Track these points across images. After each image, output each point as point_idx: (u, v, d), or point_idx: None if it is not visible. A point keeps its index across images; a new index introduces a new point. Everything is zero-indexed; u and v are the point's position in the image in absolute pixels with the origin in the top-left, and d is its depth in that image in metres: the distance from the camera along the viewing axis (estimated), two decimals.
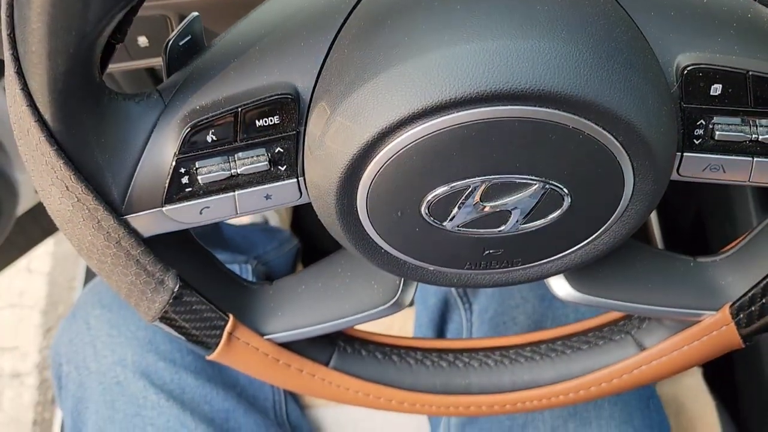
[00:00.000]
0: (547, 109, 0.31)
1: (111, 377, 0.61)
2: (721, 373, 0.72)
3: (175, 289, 0.39)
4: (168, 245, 0.39)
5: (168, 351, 0.62)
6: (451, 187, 0.33)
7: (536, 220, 0.35)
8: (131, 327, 0.63)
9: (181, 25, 0.34)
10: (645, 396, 0.61)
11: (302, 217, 0.97)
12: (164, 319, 0.40)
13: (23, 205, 0.83)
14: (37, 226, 0.98)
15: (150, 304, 0.39)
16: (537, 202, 0.34)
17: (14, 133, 0.34)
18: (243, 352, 0.43)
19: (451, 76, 0.30)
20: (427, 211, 0.34)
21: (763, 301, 0.41)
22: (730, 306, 0.41)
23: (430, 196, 0.34)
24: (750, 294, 0.41)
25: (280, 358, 0.44)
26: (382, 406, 0.47)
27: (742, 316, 0.41)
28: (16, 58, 0.31)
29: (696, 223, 0.89)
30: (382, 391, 0.47)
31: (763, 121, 0.34)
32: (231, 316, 0.42)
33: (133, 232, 0.36)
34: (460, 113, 0.31)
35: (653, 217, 0.89)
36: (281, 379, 0.46)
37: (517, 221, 0.35)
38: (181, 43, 0.34)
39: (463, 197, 0.34)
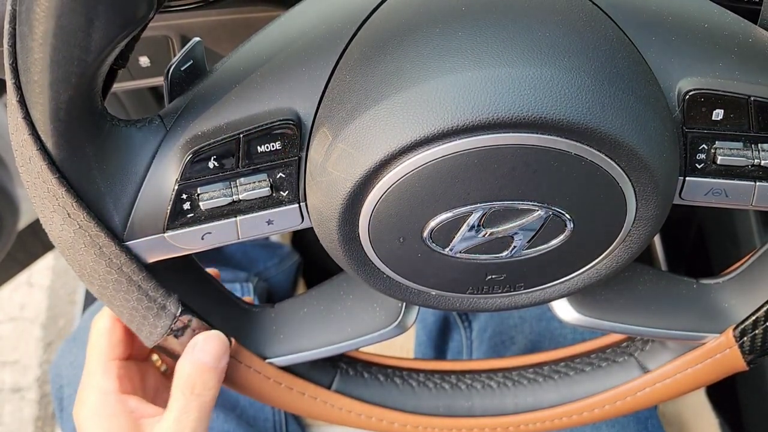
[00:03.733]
0: (549, 136, 0.31)
1: None
2: (724, 391, 0.71)
3: (177, 314, 0.39)
4: (169, 270, 0.38)
5: None
6: (453, 214, 0.33)
7: (539, 246, 0.35)
8: None
9: (183, 50, 0.34)
10: (643, 417, 0.61)
11: (303, 232, 0.96)
12: (165, 343, 0.40)
13: (24, 220, 0.83)
14: (38, 240, 0.98)
15: (152, 329, 0.39)
16: (539, 228, 0.34)
17: (16, 160, 0.34)
18: (245, 375, 0.43)
19: (453, 104, 0.30)
20: (429, 238, 0.34)
21: (767, 324, 0.41)
22: (734, 329, 0.41)
23: (432, 223, 0.33)
24: (753, 317, 0.41)
25: (282, 381, 0.44)
26: (385, 429, 0.47)
27: (745, 339, 0.41)
28: (18, 87, 0.31)
29: (698, 242, 0.89)
30: (384, 414, 0.47)
31: (765, 146, 0.34)
32: (233, 340, 0.42)
33: (134, 258, 0.36)
34: (462, 141, 0.31)
35: (656, 236, 0.89)
36: (283, 402, 0.45)
37: (519, 247, 0.35)
38: (182, 68, 0.34)
39: (466, 223, 0.34)
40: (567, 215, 0.34)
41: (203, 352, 0.40)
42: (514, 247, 0.35)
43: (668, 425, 0.68)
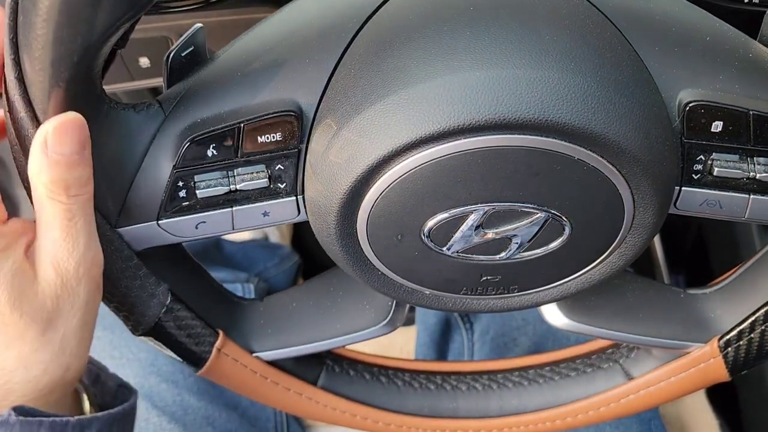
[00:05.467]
0: (553, 140, 0.31)
1: None
2: (724, 393, 0.72)
3: (167, 303, 0.38)
4: (160, 258, 0.38)
5: (170, 372, 0.61)
6: (453, 213, 0.33)
7: (536, 249, 0.35)
8: (133, 349, 0.62)
9: (185, 35, 0.34)
10: (646, 419, 0.62)
11: (303, 233, 0.96)
12: (153, 332, 0.39)
13: None
14: None
15: (140, 318, 0.38)
16: (537, 231, 0.34)
17: (8, 138, 0.33)
18: (231, 369, 0.42)
19: (458, 103, 0.30)
20: (427, 236, 0.34)
21: (751, 336, 0.41)
22: (718, 339, 0.42)
23: (431, 221, 0.33)
24: (738, 328, 0.41)
25: (268, 376, 0.44)
26: (369, 427, 0.47)
27: (729, 350, 0.42)
28: (17, 63, 0.30)
29: (698, 246, 0.89)
30: (369, 413, 0.46)
31: (761, 159, 0.34)
32: (221, 332, 0.41)
33: (126, 244, 0.35)
34: (465, 140, 0.31)
35: (656, 239, 0.89)
36: (269, 398, 0.45)
37: (516, 249, 0.35)
38: (183, 54, 0.34)
39: (465, 223, 0.33)
40: (566, 219, 0.34)
41: (63, 143, 0.31)
42: (512, 249, 0.35)
43: (668, 426, 0.68)
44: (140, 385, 0.61)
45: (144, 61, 0.49)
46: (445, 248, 0.35)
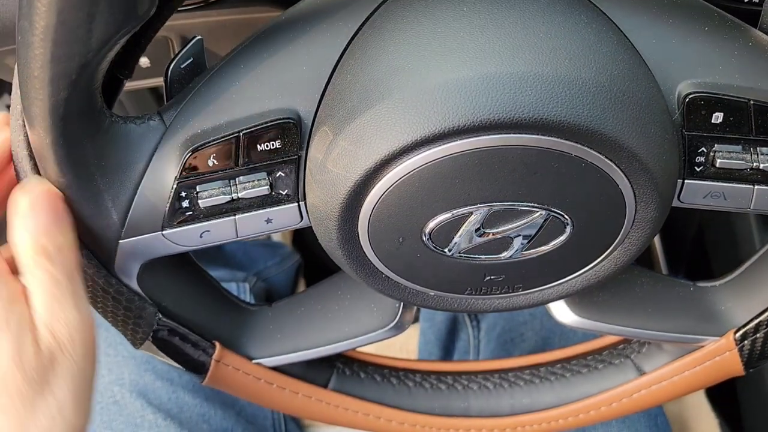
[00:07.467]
0: (550, 138, 0.31)
1: (108, 397, 0.61)
2: (724, 391, 0.72)
3: (155, 323, 0.39)
4: (164, 268, 0.38)
5: (165, 370, 0.62)
6: (453, 214, 0.33)
7: (538, 247, 0.35)
8: (128, 347, 0.62)
9: (184, 49, 0.34)
10: (653, 414, 0.61)
11: (304, 232, 0.96)
12: (150, 347, 0.40)
13: None
14: None
15: (134, 335, 0.39)
16: (539, 230, 0.34)
17: (14, 155, 0.34)
18: (233, 378, 0.43)
19: (454, 104, 0.30)
20: (429, 238, 0.34)
21: None
22: (735, 332, 0.41)
23: (432, 223, 0.33)
24: (756, 321, 0.41)
25: (274, 381, 0.44)
26: (382, 426, 0.47)
27: (746, 342, 0.41)
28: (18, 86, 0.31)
29: (698, 243, 0.89)
30: (382, 412, 0.47)
31: (764, 149, 0.34)
32: (217, 344, 0.41)
33: (104, 270, 0.36)
34: (462, 141, 0.31)
35: (656, 238, 0.89)
36: (277, 403, 0.45)
37: (518, 248, 0.35)
38: (182, 66, 0.34)
39: (465, 224, 0.34)
40: (567, 217, 0.34)
41: (38, 215, 0.32)
42: (514, 248, 0.35)
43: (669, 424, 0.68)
44: (135, 383, 0.61)
45: (144, 61, 0.49)
46: (446, 249, 0.35)
